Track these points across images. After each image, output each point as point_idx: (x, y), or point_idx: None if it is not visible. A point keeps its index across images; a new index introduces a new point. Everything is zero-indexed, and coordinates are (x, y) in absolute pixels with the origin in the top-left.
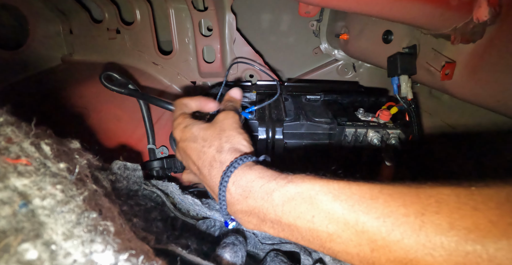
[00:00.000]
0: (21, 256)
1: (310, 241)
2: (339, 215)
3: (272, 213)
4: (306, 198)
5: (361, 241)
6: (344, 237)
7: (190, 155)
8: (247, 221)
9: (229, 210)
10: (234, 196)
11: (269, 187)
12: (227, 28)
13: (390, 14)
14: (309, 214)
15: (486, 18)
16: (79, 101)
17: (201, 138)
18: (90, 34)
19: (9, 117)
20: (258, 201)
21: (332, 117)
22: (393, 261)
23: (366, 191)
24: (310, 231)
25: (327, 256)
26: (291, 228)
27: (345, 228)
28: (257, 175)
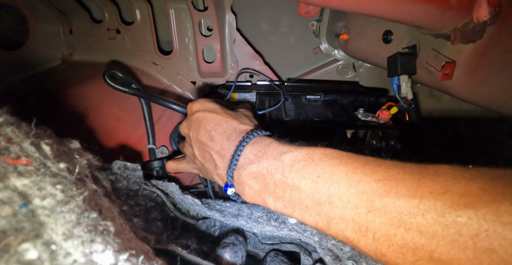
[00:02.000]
0: (21, 256)
1: (307, 207)
2: (342, 176)
3: (279, 172)
4: (314, 160)
5: (359, 203)
6: (344, 198)
7: (206, 124)
8: (250, 186)
9: (236, 173)
10: (248, 156)
11: (283, 148)
12: (227, 28)
13: (390, 14)
14: (314, 174)
15: (486, 18)
16: (79, 101)
17: (224, 112)
18: (90, 34)
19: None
20: (269, 160)
21: (332, 117)
22: (387, 224)
23: (370, 160)
24: (312, 193)
25: (327, 256)
26: (292, 191)
27: (346, 189)
28: (274, 140)
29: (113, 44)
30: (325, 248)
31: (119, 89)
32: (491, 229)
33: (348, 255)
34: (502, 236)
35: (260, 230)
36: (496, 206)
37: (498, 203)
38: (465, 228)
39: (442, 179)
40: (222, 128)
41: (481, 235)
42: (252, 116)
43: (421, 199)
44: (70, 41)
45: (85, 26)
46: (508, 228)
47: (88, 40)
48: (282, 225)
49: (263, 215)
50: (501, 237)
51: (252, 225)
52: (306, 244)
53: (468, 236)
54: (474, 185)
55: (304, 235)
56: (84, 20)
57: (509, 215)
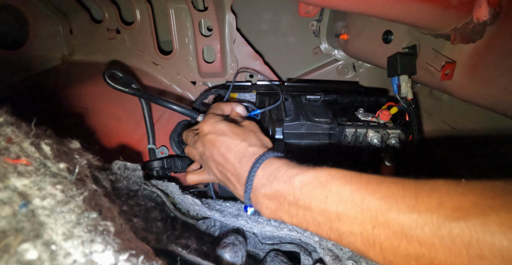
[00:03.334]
0: (21, 256)
1: (320, 223)
2: (348, 196)
3: (291, 195)
4: (322, 182)
5: (365, 219)
6: (351, 216)
7: (219, 146)
8: (266, 206)
9: (252, 195)
10: (261, 180)
11: (292, 172)
12: (227, 28)
13: (390, 14)
14: (322, 195)
15: (486, 18)
16: (79, 101)
17: (233, 133)
18: (90, 34)
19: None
20: (281, 184)
21: (332, 117)
22: (391, 237)
23: (372, 179)
24: (322, 212)
25: (327, 256)
26: (305, 210)
27: (352, 207)
28: (283, 163)
29: (113, 44)
30: (325, 248)
31: (119, 89)
32: (481, 238)
33: (348, 255)
34: (491, 244)
35: (260, 230)
36: (484, 218)
37: (486, 215)
38: (458, 238)
39: (437, 195)
40: (233, 152)
41: (473, 244)
42: (258, 130)
43: (419, 214)
44: (70, 41)
45: (85, 26)
46: (496, 237)
47: (88, 40)
48: (282, 225)
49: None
50: (490, 245)
51: (252, 225)
52: (306, 244)
53: (461, 245)
54: (466, 199)
55: (304, 235)
56: (84, 20)
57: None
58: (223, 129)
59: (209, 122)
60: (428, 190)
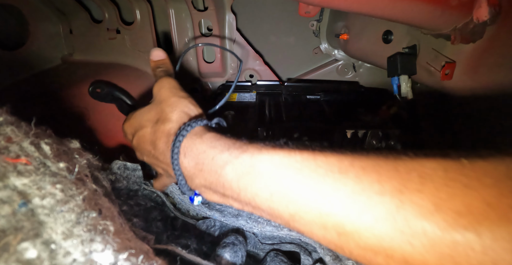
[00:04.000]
0: (21, 255)
1: (274, 218)
2: (300, 193)
3: (228, 189)
4: (263, 172)
5: (326, 224)
6: (307, 219)
7: (145, 144)
8: (211, 194)
9: (190, 185)
10: (189, 169)
11: (221, 159)
12: (227, 28)
13: (390, 14)
14: (267, 191)
15: (486, 18)
16: (79, 101)
17: (146, 120)
18: (90, 34)
19: (9, 117)
20: (212, 175)
21: (332, 117)
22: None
23: (334, 164)
24: (271, 211)
25: (327, 256)
26: (252, 206)
27: (308, 209)
28: (208, 145)
29: (113, 44)
30: (325, 248)
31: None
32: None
33: None
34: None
35: (260, 230)
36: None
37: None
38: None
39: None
40: (154, 142)
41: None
42: (171, 89)
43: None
44: (70, 41)
45: (85, 26)
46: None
47: (88, 40)
48: (282, 225)
49: None
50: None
51: (252, 225)
52: (306, 244)
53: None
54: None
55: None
56: (84, 20)
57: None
58: (136, 123)
59: (124, 126)
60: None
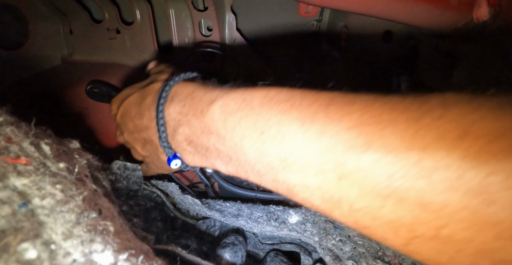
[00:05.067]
0: (20, 256)
1: (261, 173)
2: (296, 127)
3: (214, 132)
4: (254, 108)
5: (325, 166)
6: (302, 161)
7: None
8: (192, 153)
9: (171, 141)
10: (173, 116)
11: (210, 96)
12: (227, 28)
13: (390, 14)
14: (257, 129)
15: (486, 18)
16: (79, 101)
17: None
18: (90, 34)
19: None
20: (198, 116)
21: None
22: (368, 193)
23: (338, 96)
24: (259, 156)
25: (327, 256)
26: (237, 154)
27: (304, 146)
28: (198, 85)
29: (113, 44)
30: (325, 248)
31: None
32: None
33: (348, 255)
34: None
35: (260, 230)
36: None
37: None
38: (499, 194)
39: (456, 114)
40: (138, 104)
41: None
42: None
43: (425, 151)
44: (70, 41)
45: (85, 26)
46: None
47: (88, 40)
48: (282, 225)
49: (263, 215)
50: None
51: (252, 225)
52: (306, 244)
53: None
54: (509, 119)
55: (304, 235)
56: (84, 20)
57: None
58: (125, 92)
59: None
60: (438, 107)
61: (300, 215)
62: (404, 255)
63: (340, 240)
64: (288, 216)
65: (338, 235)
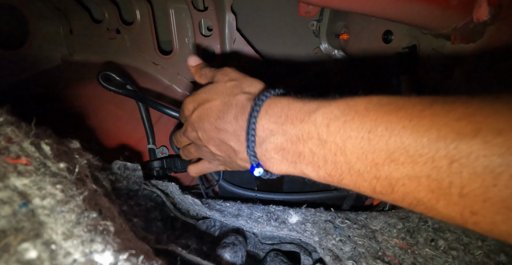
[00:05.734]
0: (21, 256)
1: (360, 172)
2: (405, 124)
3: (314, 137)
4: (360, 112)
5: (436, 153)
6: (412, 152)
7: (209, 116)
8: (279, 161)
9: (258, 151)
10: (266, 126)
11: (310, 106)
12: (227, 28)
13: (390, 14)
14: (363, 130)
15: (486, 18)
16: (79, 101)
17: (214, 93)
18: (90, 34)
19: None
20: (296, 125)
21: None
22: (481, 174)
23: (438, 98)
24: (363, 154)
25: (327, 256)
26: (336, 156)
27: (414, 139)
28: (294, 99)
29: (113, 44)
30: (325, 248)
31: (113, 91)
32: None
33: (348, 255)
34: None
35: (260, 230)
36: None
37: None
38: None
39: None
40: (223, 112)
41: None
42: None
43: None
44: (70, 41)
45: (85, 26)
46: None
47: (88, 40)
48: (282, 225)
49: (263, 215)
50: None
51: (252, 225)
52: (306, 244)
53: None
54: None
55: (304, 235)
56: (84, 20)
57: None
58: (204, 96)
59: (187, 101)
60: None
61: (300, 215)
62: (404, 255)
63: (340, 240)
64: (288, 216)
65: (338, 235)
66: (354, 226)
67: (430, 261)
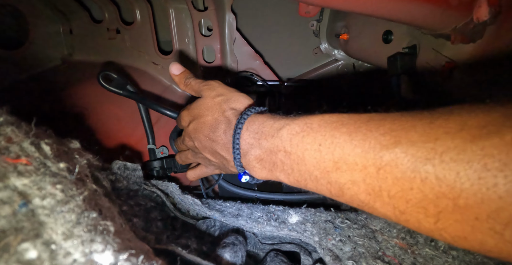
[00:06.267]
0: (21, 256)
1: (317, 178)
2: (345, 138)
3: (281, 150)
4: (313, 128)
5: (367, 162)
6: (350, 161)
7: (203, 129)
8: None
9: (243, 161)
10: (248, 141)
11: (279, 124)
12: (227, 28)
13: (390, 14)
14: (315, 143)
15: (486, 18)
16: (79, 101)
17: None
18: (90, 34)
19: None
20: (268, 140)
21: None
22: (401, 179)
23: (374, 115)
24: (317, 163)
25: (327, 256)
26: (299, 165)
27: (351, 150)
28: (268, 117)
29: (113, 44)
30: (325, 248)
31: (113, 91)
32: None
33: (348, 255)
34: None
35: (260, 230)
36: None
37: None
38: (490, 161)
39: (457, 117)
40: (214, 127)
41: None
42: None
43: (436, 141)
44: (70, 41)
45: (85, 26)
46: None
47: (88, 40)
48: (282, 225)
49: (263, 215)
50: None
51: (252, 225)
52: (306, 244)
53: (496, 170)
54: (495, 114)
55: (304, 235)
56: (84, 20)
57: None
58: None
59: (183, 113)
60: (445, 114)
61: (300, 215)
62: (404, 255)
63: (340, 240)
64: (288, 216)
65: (338, 235)
66: (354, 226)
67: (430, 261)
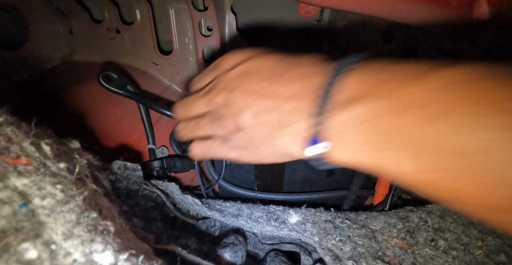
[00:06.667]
0: (21, 256)
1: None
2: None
3: (418, 104)
4: (475, 80)
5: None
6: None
7: (259, 73)
8: (353, 138)
9: (326, 121)
10: (353, 88)
11: (419, 68)
12: (227, 28)
13: (390, 14)
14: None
15: (486, 18)
16: (79, 101)
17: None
18: (90, 34)
19: (9, 117)
20: (399, 88)
21: None
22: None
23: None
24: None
25: (327, 256)
26: (456, 142)
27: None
28: (392, 61)
29: (113, 44)
30: (325, 248)
31: (113, 91)
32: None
33: (348, 255)
34: None
35: (260, 230)
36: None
37: None
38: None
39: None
40: (281, 72)
41: None
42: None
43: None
44: (70, 41)
45: (85, 26)
46: None
47: (88, 40)
48: (282, 225)
49: (263, 215)
50: None
51: (252, 225)
52: (306, 244)
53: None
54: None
55: (304, 235)
56: (84, 20)
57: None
58: (255, 51)
59: (232, 53)
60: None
61: (300, 215)
62: (404, 255)
63: (340, 240)
64: (288, 216)
65: (338, 235)
66: (354, 226)
67: (430, 261)
